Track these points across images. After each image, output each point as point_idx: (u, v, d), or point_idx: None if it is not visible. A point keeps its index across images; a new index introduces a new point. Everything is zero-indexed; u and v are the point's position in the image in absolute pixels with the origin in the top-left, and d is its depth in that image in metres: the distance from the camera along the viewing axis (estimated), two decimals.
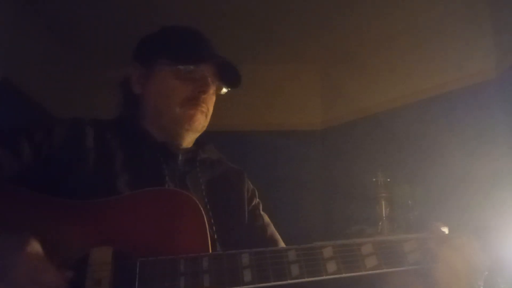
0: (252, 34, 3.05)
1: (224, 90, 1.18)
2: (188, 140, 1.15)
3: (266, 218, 1.21)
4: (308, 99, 3.48)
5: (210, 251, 0.87)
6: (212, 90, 1.12)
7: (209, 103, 1.13)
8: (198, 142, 1.19)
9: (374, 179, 2.61)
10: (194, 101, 1.09)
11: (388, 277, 0.86)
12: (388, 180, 2.60)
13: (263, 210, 1.24)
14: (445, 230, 0.89)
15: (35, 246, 0.76)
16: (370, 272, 0.82)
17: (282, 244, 1.15)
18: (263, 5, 2.79)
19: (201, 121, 1.11)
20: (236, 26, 2.93)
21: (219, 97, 1.19)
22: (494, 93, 2.43)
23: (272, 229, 1.20)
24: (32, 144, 0.99)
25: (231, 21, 2.90)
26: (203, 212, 0.90)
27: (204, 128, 1.16)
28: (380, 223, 2.55)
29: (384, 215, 2.55)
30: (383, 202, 2.57)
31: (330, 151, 3.29)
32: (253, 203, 1.21)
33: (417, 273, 0.84)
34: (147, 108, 1.14)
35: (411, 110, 2.83)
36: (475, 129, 2.44)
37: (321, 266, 0.81)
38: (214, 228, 1.02)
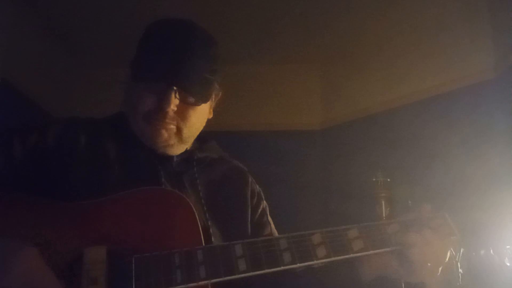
0: (252, 34, 3.05)
1: (193, 101, 1.04)
2: (174, 149, 1.07)
3: (273, 227, 1.18)
4: (308, 99, 3.48)
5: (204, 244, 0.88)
6: (174, 104, 1.00)
7: (182, 117, 1.02)
8: (199, 139, 1.15)
9: (374, 179, 2.61)
10: (155, 115, 1.00)
11: (368, 259, 0.92)
12: (388, 180, 2.60)
13: None
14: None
15: (33, 253, 0.76)
16: (358, 254, 0.87)
17: None
18: (263, 5, 2.79)
19: (166, 137, 1.02)
20: (236, 26, 2.94)
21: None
22: (493, 93, 2.44)
23: None
24: (25, 145, 0.97)
25: (231, 22, 2.90)
26: (194, 210, 0.90)
27: (189, 139, 1.08)
28: None
29: (384, 215, 2.55)
30: (383, 202, 2.57)
31: (330, 151, 3.29)
32: (261, 208, 1.17)
33: (396, 253, 0.90)
34: None
35: (410, 110, 2.84)
36: (474, 129, 2.45)
37: (311, 252, 0.84)
38: (211, 230, 1.00)
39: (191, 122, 1.04)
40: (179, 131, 1.03)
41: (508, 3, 2.38)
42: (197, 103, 1.04)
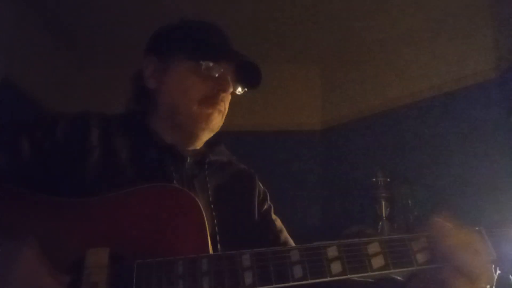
0: (252, 34, 3.06)
1: (240, 90, 1.13)
2: (203, 139, 1.11)
3: (279, 223, 1.16)
4: (308, 99, 3.48)
5: (211, 251, 0.85)
6: (231, 89, 1.08)
7: (227, 102, 1.10)
8: (209, 143, 1.15)
9: (374, 179, 2.62)
10: (213, 99, 1.05)
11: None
12: (388, 180, 2.61)
13: None
14: (449, 225, 0.83)
15: (34, 251, 0.75)
16: (376, 273, 0.78)
17: None
18: (263, 6, 2.79)
19: (218, 120, 1.08)
20: (236, 26, 2.94)
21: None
22: (494, 93, 2.44)
23: (285, 235, 1.14)
24: (33, 142, 0.95)
25: (231, 22, 2.90)
26: (201, 209, 0.86)
27: (219, 128, 1.12)
28: (380, 223, 2.56)
29: (384, 215, 2.56)
30: (383, 202, 2.58)
31: (330, 151, 3.29)
32: (265, 208, 1.16)
33: (429, 271, 0.78)
34: (161, 105, 1.09)
35: (411, 110, 2.84)
36: (475, 129, 2.45)
37: (325, 267, 0.77)
38: (218, 237, 0.98)
39: (227, 109, 1.11)
40: (222, 117, 1.10)
41: (508, 4, 2.38)
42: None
